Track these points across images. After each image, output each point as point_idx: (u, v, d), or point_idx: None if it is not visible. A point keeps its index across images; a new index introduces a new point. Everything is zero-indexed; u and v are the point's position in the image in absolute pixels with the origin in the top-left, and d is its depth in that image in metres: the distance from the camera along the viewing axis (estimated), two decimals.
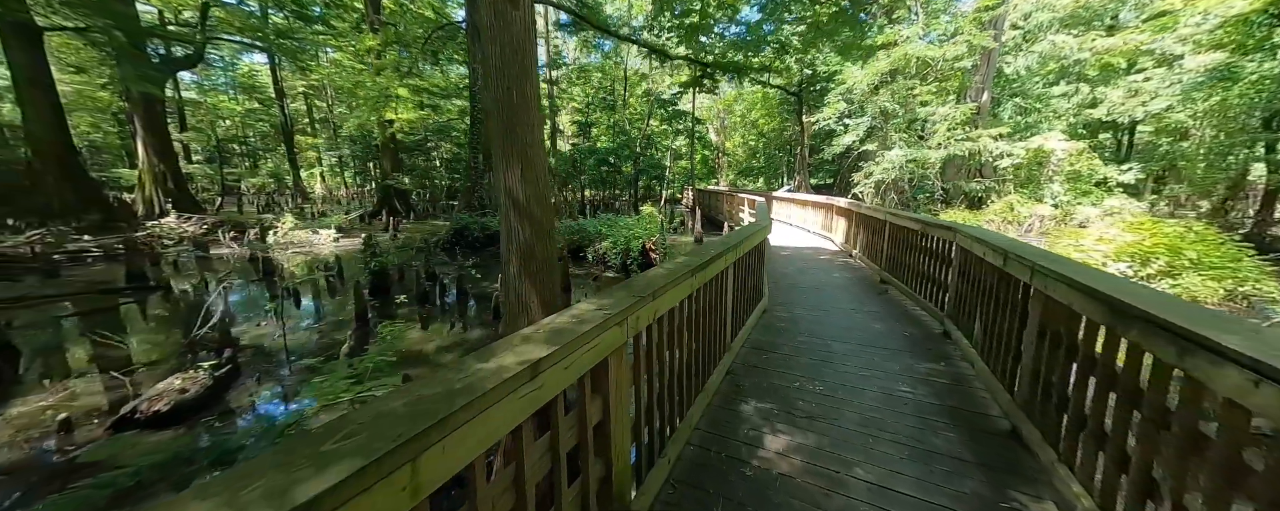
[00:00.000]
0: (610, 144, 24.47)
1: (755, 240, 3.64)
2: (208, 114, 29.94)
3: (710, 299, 2.59)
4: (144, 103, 15.97)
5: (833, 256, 7.60)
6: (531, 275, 2.76)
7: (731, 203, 14.66)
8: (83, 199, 14.80)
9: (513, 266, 2.75)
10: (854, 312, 4.45)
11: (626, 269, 7.89)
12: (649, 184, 30.58)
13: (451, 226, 11.20)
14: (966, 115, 10.45)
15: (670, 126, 25.37)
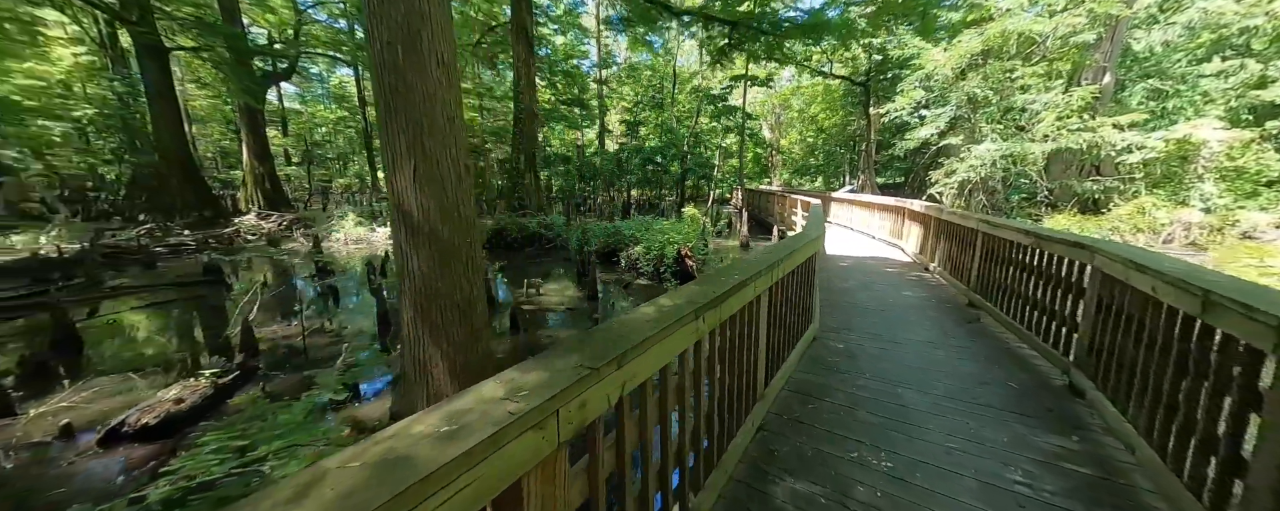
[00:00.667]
0: (657, 143, 23.93)
1: (801, 256, 2.89)
2: (307, 121, 33.63)
3: (733, 338, 1.94)
4: (248, 112, 18.01)
5: (903, 269, 6.46)
6: (433, 325, 1.90)
7: (783, 204, 13.50)
8: (199, 198, 17.04)
9: (407, 312, 1.96)
10: (933, 347, 3.51)
11: (660, 276, 7.30)
12: (696, 183, 29.65)
13: (491, 227, 11.28)
14: (1085, 100, 8.58)
15: (720, 123, 24.30)
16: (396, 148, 1.86)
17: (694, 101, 26.46)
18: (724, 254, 11.28)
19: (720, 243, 13.08)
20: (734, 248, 12.28)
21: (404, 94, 1.80)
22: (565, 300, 6.90)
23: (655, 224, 8.88)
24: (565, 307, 6.38)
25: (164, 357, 4.58)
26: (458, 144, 1.95)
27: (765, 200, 17.87)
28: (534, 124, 12.32)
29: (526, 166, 12.23)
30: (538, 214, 12.20)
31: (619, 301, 6.85)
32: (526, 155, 12.14)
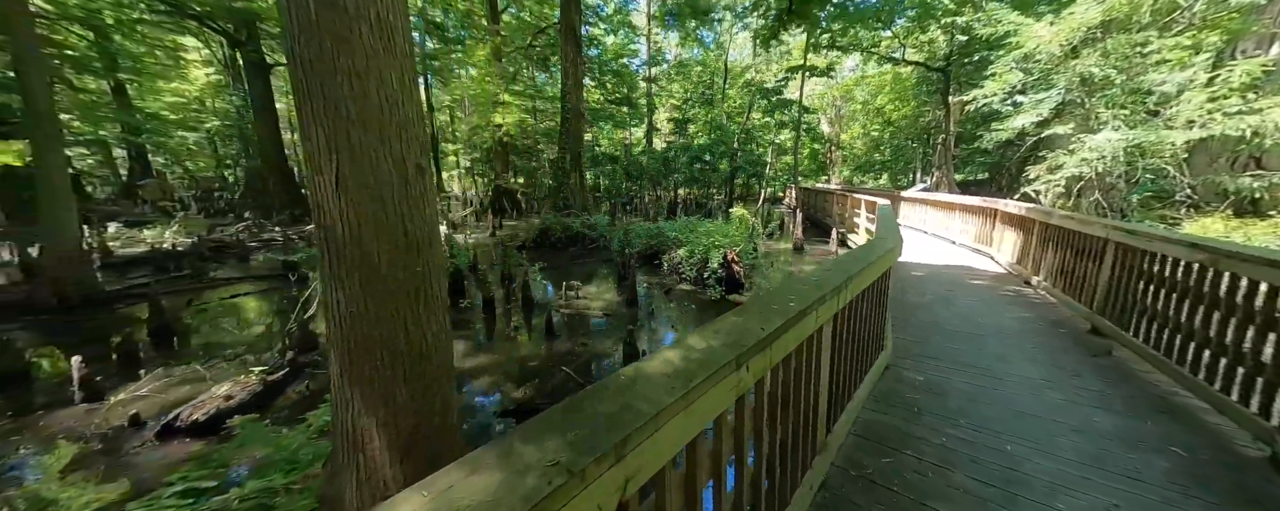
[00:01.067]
0: (706, 141, 23.21)
1: (876, 270, 2.35)
2: None
3: (788, 381, 1.51)
4: None
5: (994, 282, 5.48)
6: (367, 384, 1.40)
7: (843, 204, 12.38)
8: (291, 199, 19.11)
9: (333, 365, 1.45)
10: (1049, 387, 2.78)
11: (703, 282, 6.82)
12: (747, 182, 28.46)
13: (537, 226, 11.39)
14: (1253, 74, 6.81)
15: (773, 119, 23.05)
16: (315, 143, 1.37)
17: (746, 96, 25.36)
18: (775, 257, 10.51)
19: (771, 245, 12.26)
20: (786, 251, 11.42)
21: (320, 68, 1.30)
22: (605, 304, 6.67)
23: (700, 225, 8.40)
24: (604, 312, 6.13)
25: (233, 349, 4.92)
26: (405, 137, 1.43)
27: (822, 199, 16.60)
28: (581, 124, 12.29)
29: (572, 166, 12.22)
30: (582, 213, 12.16)
31: (660, 307, 6.49)
32: (572, 155, 12.14)
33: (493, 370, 4.36)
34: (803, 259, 10.48)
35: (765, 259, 9.90)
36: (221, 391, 3.37)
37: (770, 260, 9.93)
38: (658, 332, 5.41)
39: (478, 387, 4.02)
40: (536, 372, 4.26)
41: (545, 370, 4.31)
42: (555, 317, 6.04)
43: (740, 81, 27.99)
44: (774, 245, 12.34)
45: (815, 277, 1.85)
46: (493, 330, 5.53)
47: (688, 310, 6.44)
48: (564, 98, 12.06)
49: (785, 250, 11.62)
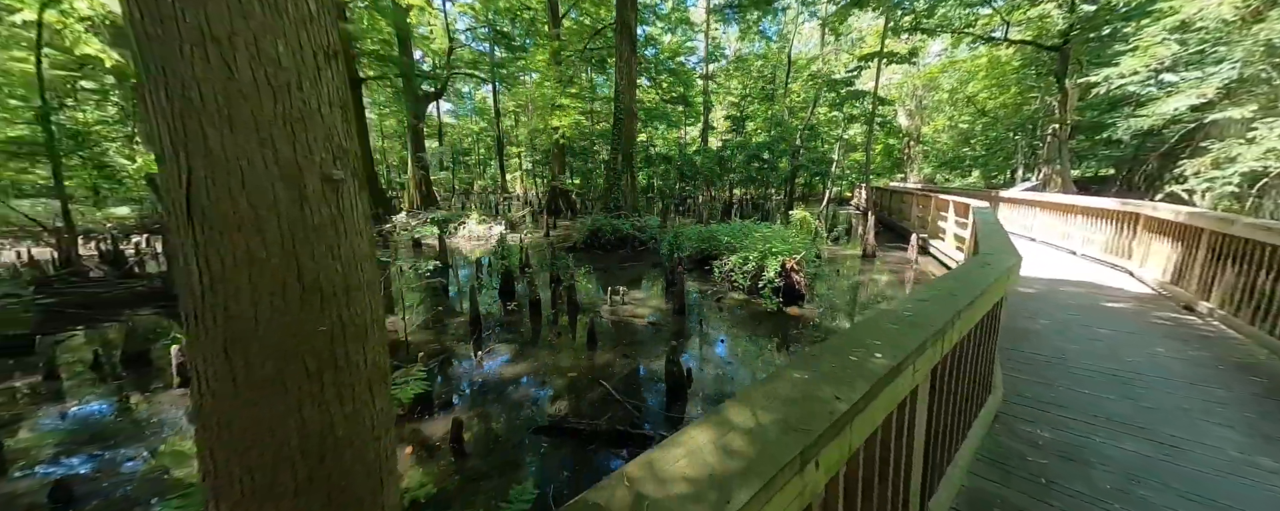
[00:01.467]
0: (765, 137, 22.04)
1: (986, 301, 1.77)
2: (457, 131, 39.83)
3: (873, 460, 1.07)
4: (412, 128, 21.81)
5: (1139, 306, 4.35)
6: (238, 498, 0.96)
7: (925, 205, 10.97)
8: (376, 200, 21.23)
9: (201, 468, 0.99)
10: (1261, 464, 1.98)
11: (757, 291, 6.24)
12: (809, 181, 26.63)
13: (587, 228, 11.38)
14: None
15: (842, 112, 21.28)
16: (160, 145, 0.94)
17: (811, 90, 23.73)
18: (840, 264, 9.51)
19: (836, 250, 11.18)
20: (853, 257, 10.33)
21: (161, 34, 0.88)
22: (651, 311, 6.35)
23: (755, 229, 7.77)
24: (649, 321, 5.82)
25: None
26: (304, 137, 0.98)
27: (899, 200, 14.96)
28: (633, 124, 12.11)
29: (623, 167, 12.08)
30: (633, 215, 11.97)
31: (710, 316, 6.03)
32: (623, 155, 12.00)
33: (531, 378, 4.23)
34: (874, 267, 9.38)
35: (829, 266, 8.99)
36: None
37: (836, 267, 8.98)
38: (705, 348, 4.98)
39: (513, 397, 3.89)
40: (573, 385, 4.05)
41: (583, 382, 4.09)
42: (600, 323, 5.85)
43: (804, 74, 26.28)
44: (839, 251, 11.25)
45: (908, 312, 1.37)
46: (537, 335, 5.45)
47: (740, 321, 5.92)
48: (617, 98, 11.95)
49: (853, 256, 10.51)
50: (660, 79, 24.20)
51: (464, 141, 40.97)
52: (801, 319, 5.91)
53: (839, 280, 8.11)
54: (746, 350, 4.94)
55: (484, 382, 4.16)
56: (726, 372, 4.35)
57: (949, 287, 1.66)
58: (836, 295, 6.97)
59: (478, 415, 3.52)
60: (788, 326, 5.65)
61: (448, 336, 5.43)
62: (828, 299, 6.69)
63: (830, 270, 8.75)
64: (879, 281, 8.16)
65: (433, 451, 3.02)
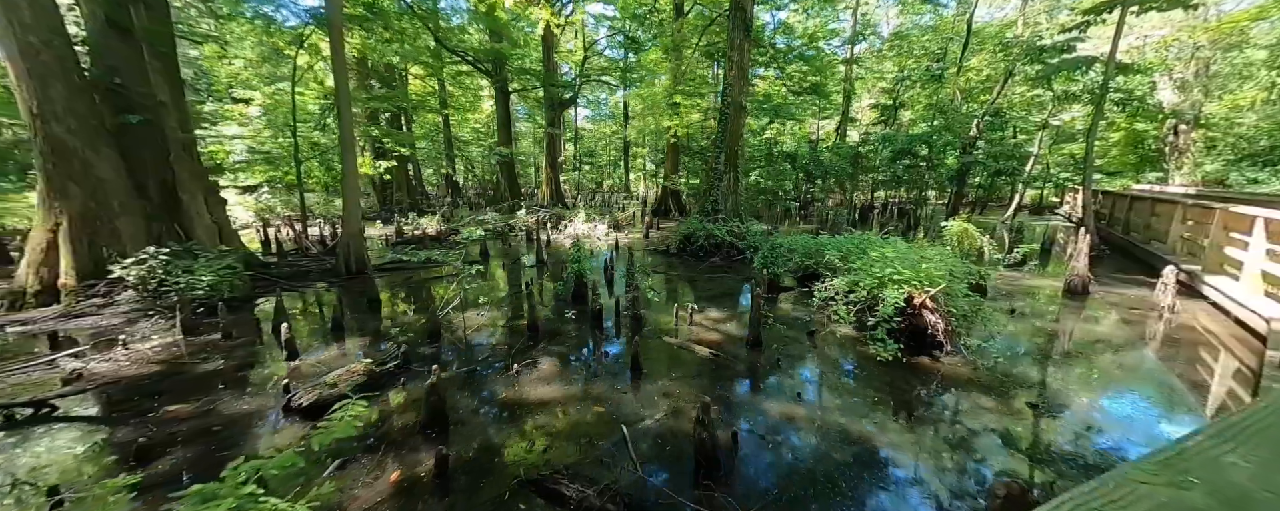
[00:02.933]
0: (925, 128, 17.90)
1: None
2: (593, 136, 43.46)
3: None
4: (547, 134, 24.42)
5: None
6: None
7: (1201, 221, 7.27)
8: (514, 196, 24.34)
9: None
10: None
11: (869, 329, 4.69)
12: (990, 181, 20.74)
13: (680, 232, 10.71)
14: None
15: (1050, 90, 15.87)
16: None
17: (1001, 63, 18.37)
18: (1022, 299, 6.80)
19: (1016, 279, 8.15)
20: (1048, 293, 7.33)
21: None
22: (723, 337, 5.39)
23: (876, 245, 5.99)
24: (717, 351, 4.90)
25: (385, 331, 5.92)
26: None
27: (1147, 212, 10.45)
28: (741, 118, 10.94)
29: (726, 166, 11.02)
30: (733, 219, 10.83)
31: (794, 356, 4.79)
32: (727, 153, 10.93)
33: (553, 405, 3.80)
34: (1083, 310, 6.44)
35: (1002, 305, 6.51)
36: (330, 378, 3.85)
37: (1010, 305, 6.45)
38: (771, 403, 3.84)
39: (526, 425, 3.50)
40: (594, 424, 3.47)
41: (606, 422, 3.48)
42: (654, 345, 5.17)
43: (990, 45, 20.55)
44: (1023, 280, 8.17)
45: None
46: (583, 351, 5.06)
47: (836, 369, 4.54)
48: (726, 89, 10.93)
49: (1047, 290, 7.48)
50: (790, 69, 21.87)
51: (598, 145, 44.14)
52: (933, 376, 4.22)
53: (1013, 325, 5.75)
54: (832, 416, 3.65)
55: (504, 401, 3.89)
56: (790, 449, 3.22)
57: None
58: (1004, 349, 4.88)
59: (477, 445, 3.21)
60: (908, 385, 4.07)
61: (497, 338, 5.43)
62: (986, 354, 4.71)
63: (999, 308, 6.31)
64: (1091, 335, 5.51)
65: (415, 483, 2.80)
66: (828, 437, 3.33)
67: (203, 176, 8.88)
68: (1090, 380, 4.25)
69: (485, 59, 22.27)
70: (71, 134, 6.92)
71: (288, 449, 2.21)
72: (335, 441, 2.88)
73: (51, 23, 6.71)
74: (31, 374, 4.25)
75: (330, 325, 5.61)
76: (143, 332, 5.55)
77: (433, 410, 3.34)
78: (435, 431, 3.32)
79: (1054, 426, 3.47)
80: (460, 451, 3.11)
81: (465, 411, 3.70)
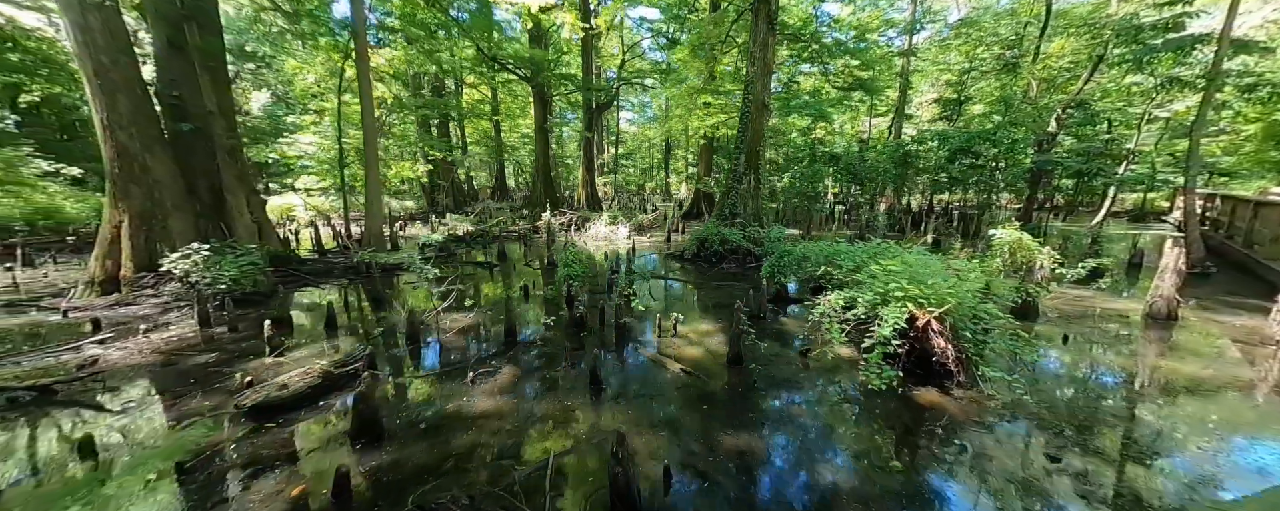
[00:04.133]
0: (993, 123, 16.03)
1: None
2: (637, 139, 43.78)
3: None
4: (584, 138, 24.82)
5: None
6: None
7: None
8: (551, 199, 25.06)
9: None
10: None
11: (866, 350, 4.12)
12: (1073, 183, 18.18)
13: (694, 237, 10.32)
14: None
15: (1152, 74, 13.61)
16: None
17: (1090, 47, 16.07)
18: (1086, 322, 5.75)
19: (1083, 300, 6.96)
20: (1118, 314, 6.17)
21: None
22: (703, 352, 5.02)
23: (893, 254, 5.31)
24: (692, 368, 4.55)
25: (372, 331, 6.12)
26: None
27: (1274, 220, 8.66)
28: (763, 117, 10.37)
29: (747, 168, 10.47)
30: (752, 223, 10.27)
31: (774, 379, 4.34)
32: (748, 154, 10.38)
33: (492, 420, 3.64)
34: (1167, 342, 5.33)
35: (1059, 327, 5.56)
36: (281, 379, 3.92)
37: (1068, 333, 5.47)
38: (730, 437, 3.43)
39: (451, 443, 3.26)
40: (516, 448, 3.25)
41: (532, 448, 3.26)
42: (626, 360, 4.90)
43: (1074, 27, 18.07)
44: (1092, 301, 6.97)
45: None
46: (553, 361, 4.89)
47: (822, 397, 4.04)
48: (749, 86, 10.41)
49: (1122, 314, 6.31)
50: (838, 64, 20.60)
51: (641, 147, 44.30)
52: (935, 412, 3.61)
53: (1059, 356, 4.86)
54: (796, 455, 3.20)
55: (448, 412, 3.80)
56: (733, 492, 2.82)
57: None
58: (1037, 385, 4.12)
59: (395, 460, 3.09)
60: (901, 423, 3.51)
61: (472, 344, 5.41)
62: (1010, 389, 3.98)
63: (1049, 334, 5.38)
64: (1162, 371, 4.52)
65: (316, 499, 2.73)
66: (783, 482, 2.90)
67: (246, 179, 9.77)
68: (1141, 430, 3.44)
69: (523, 65, 23.10)
70: (133, 140, 7.84)
71: None
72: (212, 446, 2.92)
73: (119, 43, 7.66)
74: (62, 358, 4.78)
75: (325, 322, 5.87)
76: (170, 322, 6.12)
77: (361, 420, 3.30)
78: (363, 442, 3.27)
79: (1073, 487, 2.80)
80: (376, 466, 3.03)
81: (405, 421, 3.64)
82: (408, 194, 27.88)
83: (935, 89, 27.93)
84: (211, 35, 8.91)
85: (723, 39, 14.01)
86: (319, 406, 3.73)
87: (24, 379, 4.09)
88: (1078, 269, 5.83)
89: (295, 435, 3.37)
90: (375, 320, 6.41)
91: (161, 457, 3.05)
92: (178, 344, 5.29)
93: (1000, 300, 4.73)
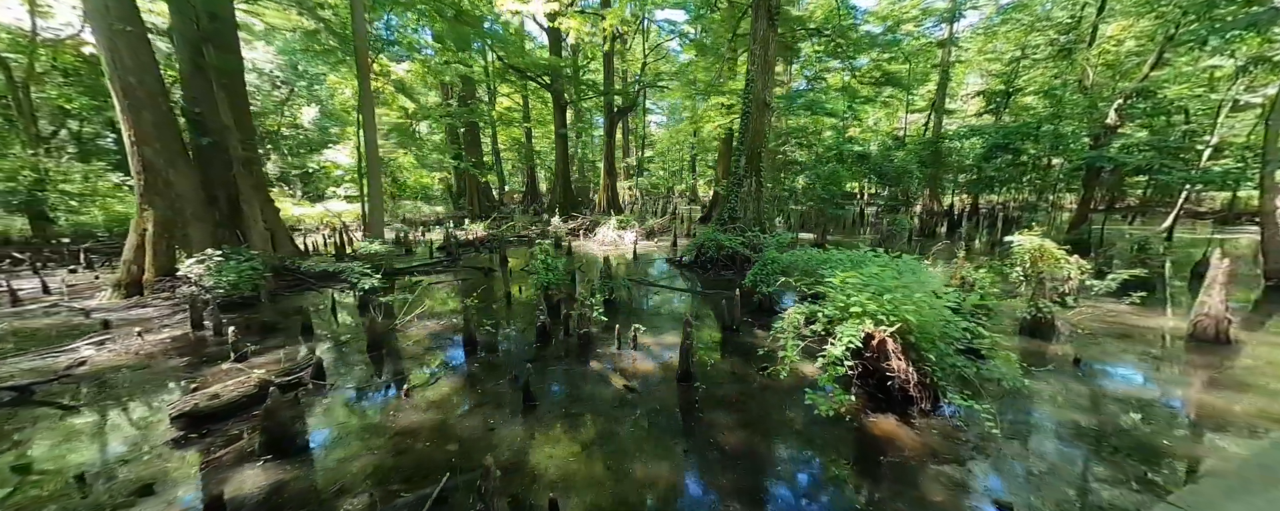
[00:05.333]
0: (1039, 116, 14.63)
1: None
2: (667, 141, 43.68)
3: None
4: (607, 143, 25.00)
5: None
6: None
7: None
8: (570, 203, 25.42)
9: None
10: None
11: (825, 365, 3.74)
12: (1153, 178, 16.20)
13: (692, 243, 10.04)
14: None
15: (1237, 52, 11.91)
16: None
17: (1155, 27, 14.34)
18: (1113, 343, 5.02)
19: (1116, 316, 6.10)
20: (1158, 334, 5.35)
21: None
22: (656, 366, 4.80)
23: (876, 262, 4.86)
24: (631, 384, 4.36)
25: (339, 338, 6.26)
26: None
27: None
28: (764, 116, 9.96)
29: (748, 168, 10.08)
30: (752, 227, 9.87)
31: (724, 401, 4.07)
32: (748, 155, 9.99)
33: (403, 441, 3.48)
34: (1208, 366, 4.54)
35: (1076, 348, 4.90)
36: (213, 388, 3.90)
37: (1080, 355, 4.80)
38: (651, 465, 3.20)
39: (337, 469, 3.17)
40: (414, 471, 3.12)
41: (432, 470, 3.14)
42: (569, 374, 4.76)
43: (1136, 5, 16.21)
44: (1128, 318, 6.10)
45: None
46: (492, 374, 4.80)
47: (760, 421, 3.73)
48: (749, 84, 10.04)
49: (1162, 333, 5.47)
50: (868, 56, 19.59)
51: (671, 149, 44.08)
52: (885, 446, 3.22)
53: (1059, 386, 4.25)
54: (708, 493, 2.94)
55: (371, 426, 3.76)
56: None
57: None
58: (1021, 418, 3.61)
59: (280, 482, 3.01)
60: (847, 458, 3.16)
61: (431, 353, 5.43)
62: (980, 422, 3.50)
63: (1060, 357, 4.74)
64: (1195, 405, 3.84)
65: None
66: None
67: (261, 188, 10.45)
68: (1132, 478, 2.90)
69: (541, 72, 23.62)
70: (157, 154, 8.57)
71: None
72: None
73: (145, 63, 8.40)
74: (60, 359, 5.22)
75: (300, 328, 6.11)
76: (171, 325, 6.59)
77: (267, 435, 3.29)
78: (269, 459, 3.27)
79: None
80: (260, 487, 2.97)
81: (324, 436, 3.64)
82: (438, 199, 29.17)
83: (985, 79, 26.02)
84: (229, 55, 9.63)
85: (731, 37, 13.66)
86: (251, 416, 3.81)
87: (6, 380, 4.49)
88: (1107, 281, 5.12)
89: (211, 447, 3.43)
90: (356, 326, 6.61)
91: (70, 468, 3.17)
92: (168, 346, 5.66)
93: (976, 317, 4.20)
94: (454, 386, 4.44)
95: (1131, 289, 5.81)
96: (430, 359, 5.21)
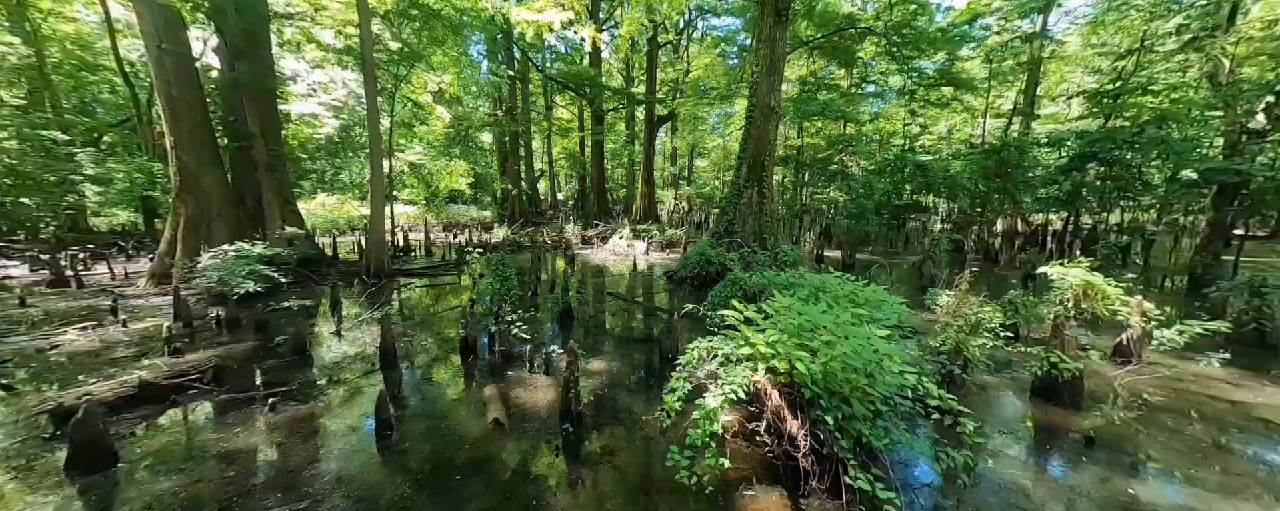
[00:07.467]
0: (1155, 114, 11.97)
1: None
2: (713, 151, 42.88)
3: None
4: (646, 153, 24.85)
5: None
6: None
7: None
8: (603, 211, 25.63)
9: None
10: None
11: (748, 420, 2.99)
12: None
13: (682, 258, 9.33)
14: None
15: None
16: None
17: None
18: (1179, 418, 3.66)
19: (1204, 381, 4.50)
20: (1251, 416, 3.80)
21: None
22: (550, 399, 4.28)
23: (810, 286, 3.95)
24: (500, 419, 3.87)
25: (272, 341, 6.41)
26: None
27: None
28: (769, 123, 9.08)
29: (750, 179, 9.22)
30: (751, 242, 8.97)
31: (598, 452, 3.46)
32: (752, 163, 9.13)
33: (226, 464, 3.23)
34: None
35: (1105, 422, 3.65)
36: (94, 383, 3.92)
37: (1124, 433, 3.51)
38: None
39: (142, 491, 2.99)
40: (216, 500, 2.90)
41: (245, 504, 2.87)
42: (472, 397, 4.37)
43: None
44: (1232, 389, 4.47)
45: None
46: (395, 390, 4.55)
47: (617, 484, 3.08)
48: (754, 88, 9.24)
49: (1263, 411, 3.90)
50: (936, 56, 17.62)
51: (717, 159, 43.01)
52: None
53: (1053, 473, 3.08)
54: None
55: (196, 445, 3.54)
56: None
57: None
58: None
59: (68, 500, 2.91)
60: None
61: (341, 363, 5.31)
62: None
63: (1075, 431, 3.51)
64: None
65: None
66: None
67: (282, 191, 11.42)
68: None
69: (576, 82, 24.12)
70: (192, 158, 9.63)
71: None
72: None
73: (186, 75, 9.51)
74: (50, 339, 5.82)
75: (255, 325, 6.37)
76: (160, 315, 7.21)
77: (76, 447, 3.14)
78: (77, 473, 3.10)
79: None
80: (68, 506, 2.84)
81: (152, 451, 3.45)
82: (487, 205, 30.72)
83: (1094, 78, 22.31)
84: (261, 70, 10.70)
85: None
86: (113, 420, 3.75)
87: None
88: (1175, 332, 3.79)
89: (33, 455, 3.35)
90: (321, 327, 6.79)
91: None
92: (139, 335, 6.13)
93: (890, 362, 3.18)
94: (320, 403, 4.24)
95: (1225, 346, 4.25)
96: (343, 368, 5.11)
